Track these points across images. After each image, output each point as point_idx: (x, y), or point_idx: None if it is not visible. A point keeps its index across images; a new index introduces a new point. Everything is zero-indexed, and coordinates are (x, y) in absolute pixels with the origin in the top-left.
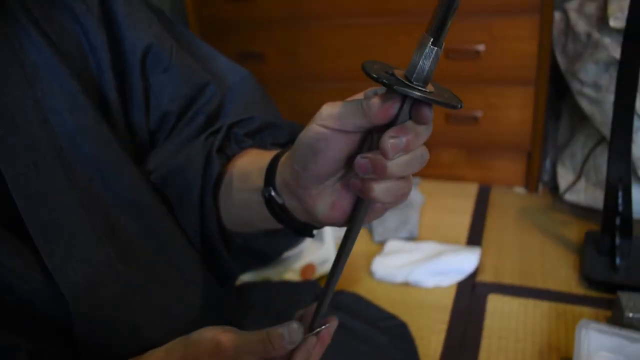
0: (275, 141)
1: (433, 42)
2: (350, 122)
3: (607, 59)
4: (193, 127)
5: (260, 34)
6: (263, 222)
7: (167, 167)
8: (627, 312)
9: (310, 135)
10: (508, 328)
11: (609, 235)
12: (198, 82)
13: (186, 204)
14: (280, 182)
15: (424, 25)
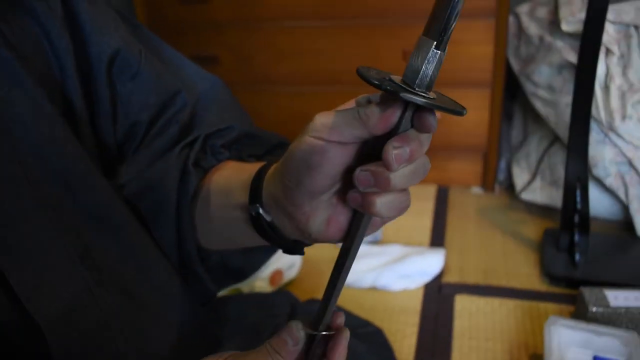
0: (253, 152)
1: (436, 45)
2: (348, 132)
3: (560, 61)
4: (166, 138)
5: (213, 37)
6: (247, 240)
7: (140, 182)
8: (591, 306)
9: (303, 148)
10: (477, 328)
11: (568, 233)
12: (169, 90)
13: (162, 220)
14: (268, 198)
15: (378, 28)
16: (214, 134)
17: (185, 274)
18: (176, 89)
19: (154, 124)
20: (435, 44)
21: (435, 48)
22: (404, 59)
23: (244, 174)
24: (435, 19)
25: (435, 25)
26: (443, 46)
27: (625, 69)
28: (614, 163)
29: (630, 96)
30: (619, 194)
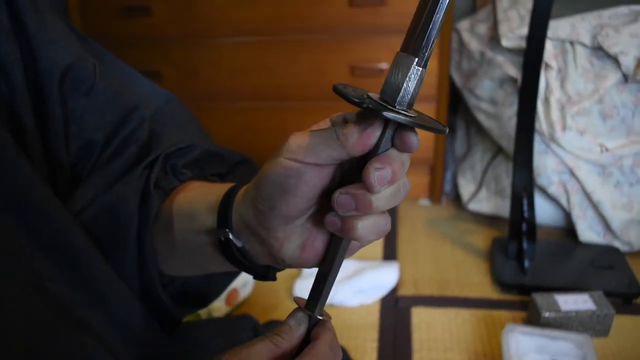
0: (215, 171)
1: (418, 62)
2: (325, 154)
3: (501, 75)
4: (125, 158)
5: (156, 52)
6: (213, 265)
7: (98, 206)
8: (544, 312)
9: (278, 171)
10: (435, 339)
11: (516, 241)
12: (125, 106)
13: (122, 247)
14: (238, 222)
15: (325, 44)
16: (175, 153)
17: (148, 302)
18: (133, 105)
19: (110, 142)
20: (416, 60)
21: (416, 65)
22: (351, 75)
23: (210, 196)
24: (415, 35)
25: (415, 41)
26: (424, 63)
27: (563, 83)
28: (556, 172)
29: (569, 108)
30: (561, 201)
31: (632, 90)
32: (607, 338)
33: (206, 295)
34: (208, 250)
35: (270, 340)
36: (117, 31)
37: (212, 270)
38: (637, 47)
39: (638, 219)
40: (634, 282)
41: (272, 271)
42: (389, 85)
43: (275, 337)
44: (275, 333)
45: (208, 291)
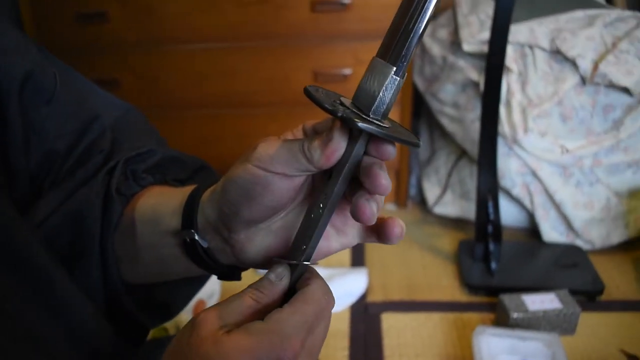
0: (176, 177)
1: (396, 71)
2: (292, 166)
3: (463, 79)
4: (89, 168)
5: (114, 60)
6: (178, 269)
7: (60, 215)
8: (512, 313)
9: (245, 177)
10: (406, 344)
11: (483, 243)
12: (86, 115)
13: (86, 257)
14: (204, 223)
15: (288, 49)
16: (135, 158)
17: (113, 311)
18: (94, 114)
19: (71, 152)
20: (394, 70)
21: (394, 74)
22: (314, 80)
23: (173, 199)
24: (394, 42)
25: (394, 49)
26: (403, 73)
27: (524, 86)
28: (519, 174)
29: (530, 111)
30: (525, 203)
31: (589, 92)
32: (574, 336)
33: (171, 306)
34: (173, 254)
35: (249, 296)
36: (73, 39)
37: (176, 275)
38: (593, 50)
39: (599, 218)
40: (598, 279)
41: (237, 271)
42: (363, 92)
43: (255, 292)
44: (254, 288)
45: (171, 302)
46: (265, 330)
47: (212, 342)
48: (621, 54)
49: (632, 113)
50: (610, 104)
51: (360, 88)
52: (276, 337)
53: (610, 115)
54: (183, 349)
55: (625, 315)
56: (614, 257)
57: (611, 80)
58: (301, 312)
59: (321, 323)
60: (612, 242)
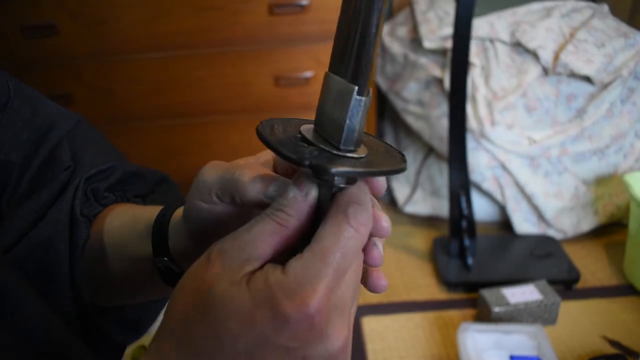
0: (137, 193)
1: (359, 91)
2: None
3: (426, 77)
4: (55, 187)
5: (65, 73)
6: (150, 292)
7: (28, 242)
8: (494, 307)
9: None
10: (389, 348)
11: (458, 239)
12: (41, 123)
13: (57, 280)
14: (178, 250)
15: (249, 54)
16: (95, 176)
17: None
18: (49, 122)
19: (30, 163)
20: (357, 89)
21: (357, 95)
22: (275, 85)
23: (138, 224)
24: (348, 57)
25: (350, 65)
26: (367, 90)
27: (487, 79)
28: (488, 168)
29: (495, 104)
30: (495, 196)
31: (552, 82)
32: (555, 325)
33: (140, 322)
34: (144, 278)
35: (271, 218)
36: (20, 54)
37: (153, 297)
38: (553, 41)
39: (569, 207)
40: (573, 268)
41: None
42: (325, 118)
43: (278, 214)
44: (275, 208)
45: (141, 317)
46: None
47: (229, 283)
48: (580, 43)
49: (594, 101)
50: (573, 93)
51: (321, 113)
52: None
53: (574, 104)
54: (197, 284)
55: (603, 301)
56: (586, 244)
57: (572, 69)
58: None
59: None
60: (583, 230)
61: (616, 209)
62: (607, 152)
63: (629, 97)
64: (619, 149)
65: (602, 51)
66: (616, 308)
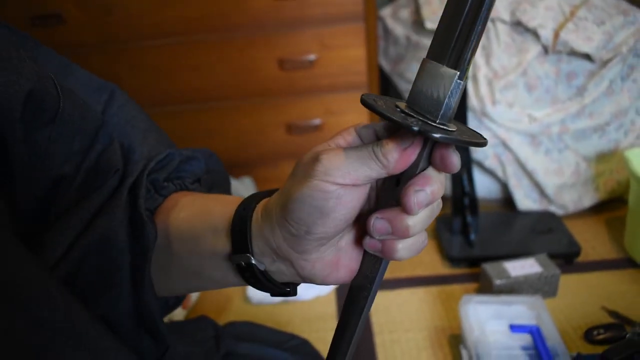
0: (195, 177)
1: (459, 76)
2: (363, 174)
3: None
4: (106, 191)
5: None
6: (217, 285)
7: (80, 250)
8: (495, 280)
9: (316, 195)
10: (394, 321)
11: (460, 216)
12: (91, 126)
13: (114, 290)
14: (262, 247)
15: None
16: (154, 167)
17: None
18: (98, 123)
19: (78, 172)
20: (458, 75)
21: (458, 79)
22: (280, 69)
23: (213, 216)
24: (451, 44)
25: (453, 52)
26: (465, 75)
27: (488, 59)
28: (490, 146)
29: (496, 83)
30: (497, 173)
31: (552, 61)
32: (555, 297)
33: (180, 297)
34: (217, 273)
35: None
36: None
37: (215, 289)
38: (553, 20)
39: (570, 183)
40: (573, 242)
41: (293, 287)
42: (423, 97)
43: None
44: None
45: (175, 300)
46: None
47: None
48: (580, 21)
49: (594, 78)
50: (573, 71)
51: (417, 92)
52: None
53: (574, 82)
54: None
55: (603, 274)
56: (587, 219)
57: (572, 47)
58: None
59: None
60: (584, 206)
61: (617, 185)
62: (607, 129)
63: (629, 74)
64: (620, 126)
65: (602, 29)
66: (616, 280)
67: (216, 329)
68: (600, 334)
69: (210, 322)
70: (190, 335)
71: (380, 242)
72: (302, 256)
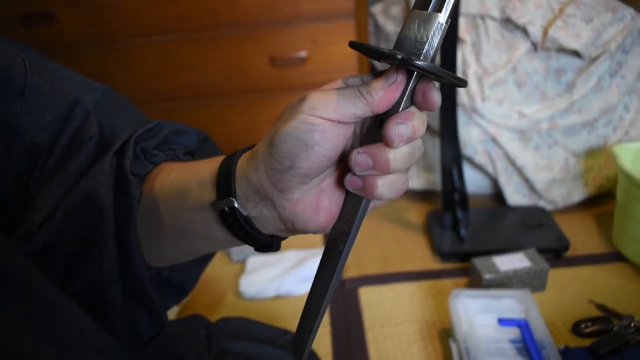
0: (187, 150)
1: (441, 17)
2: (348, 111)
3: None
4: (82, 158)
5: (65, 61)
6: (209, 244)
7: (61, 214)
8: (484, 274)
9: (302, 127)
10: (386, 315)
11: (451, 211)
12: (65, 100)
13: (98, 251)
14: (245, 189)
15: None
16: (143, 135)
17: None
18: (74, 98)
19: (56, 143)
20: (440, 16)
21: (440, 20)
22: (272, 65)
23: (198, 172)
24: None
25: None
26: (447, 18)
27: (478, 56)
28: (480, 142)
29: (486, 79)
30: (487, 169)
31: (541, 58)
32: (544, 292)
33: (184, 286)
34: (204, 228)
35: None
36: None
37: (202, 252)
38: (542, 17)
39: (559, 179)
40: (562, 237)
41: (276, 240)
42: (407, 40)
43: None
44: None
45: (185, 281)
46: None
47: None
48: (568, 19)
49: (583, 75)
50: (562, 68)
51: (402, 38)
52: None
53: (563, 79)
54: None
55: (591, 268)
56: (576, 215)
57: (561, 44)
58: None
59: None
60: (573, 201)
61: (605, 181)
62: (596, 125)
63: (618, 70)
64: (608, 122)
65: (591, 26)
66: (604, 274)
67: (208, 328)
68: (588, 327)
69: (202, 320)
70: (181, 337)
71: (361, 180)
72: (284, 195)
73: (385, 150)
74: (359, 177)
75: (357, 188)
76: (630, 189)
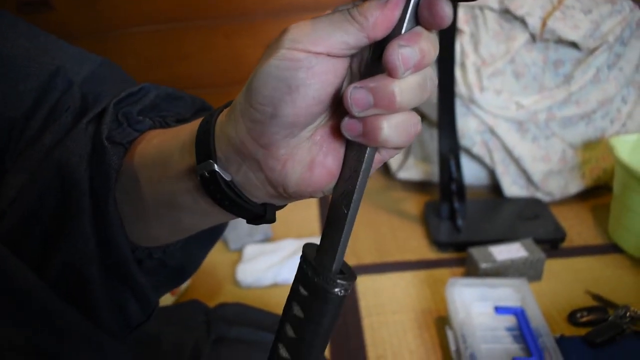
0: (179, 117)
1: None
2: (338, 40)
3: None
4: (57, 130)
5: None
6: (196, 218)
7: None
8: (481, 264)
9: (283, 65)
10: (382, 304)
11: (448, 202)
12: (44, 71)
13: (74, 221)
14: (226, 149)
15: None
16: (126, 100)
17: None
18: (53, 69)
19: (33, 116)
20: None
21: None
22: None
23: (182, 135)
24: None
25: None
26: None
27: (476, 46)
28: (477, 132)
29: (484, 70)
30: (485, 160)
31: (540, 49)
32: (540, 281)
33: (184, 269)
34: (187, 200)
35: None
36: None
37: (193, 228)
38: (540, 8)
39: (556, 170)
40: (559, 228)
41: (270, 210)
42: None
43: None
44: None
45: (186, 263)
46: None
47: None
48: (567, 10)
49: (581, 66)
50: (560, 59)
51: None
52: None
53: (561, 70)
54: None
55: (587, 259)
56: (573, 206)
57: (559, 35)
58: None
59: None
60: (570, 193)
61: (603, 173)
62: (594, 117)
63: (616, 62)
64: (606, 114)
65: (589, 17)
66: (600, 265)
67: (207, 313)
68: (584, 316)
69: (201, 306)
70: (180, 322)
71: (361, 123)
72: (270, 152)
73: (389, 81)
74: (359, 120)
75: (357, 134)
76: (627, 180)
